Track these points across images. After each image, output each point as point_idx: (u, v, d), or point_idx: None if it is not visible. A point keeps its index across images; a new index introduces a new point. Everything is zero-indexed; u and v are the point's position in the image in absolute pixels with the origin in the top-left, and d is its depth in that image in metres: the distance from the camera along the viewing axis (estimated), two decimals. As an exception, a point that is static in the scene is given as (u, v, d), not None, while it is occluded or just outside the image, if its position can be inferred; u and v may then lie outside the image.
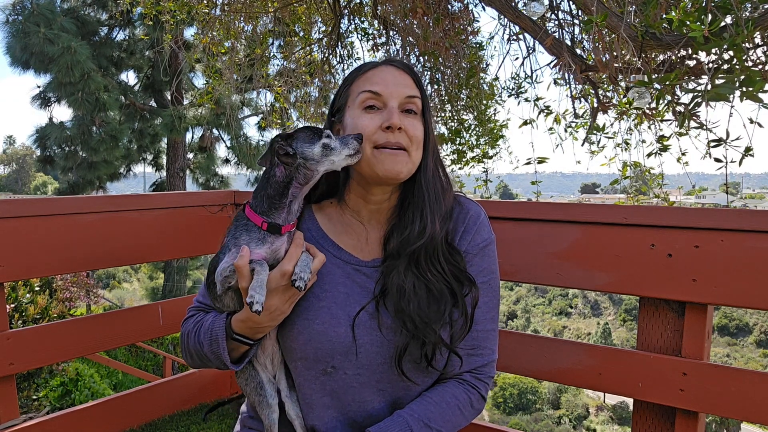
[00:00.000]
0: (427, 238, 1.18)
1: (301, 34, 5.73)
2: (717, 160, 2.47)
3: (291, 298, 1.18)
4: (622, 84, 3.43)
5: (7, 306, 3.91)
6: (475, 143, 5.67)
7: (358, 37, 5.51)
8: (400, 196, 1.26)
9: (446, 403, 1.19)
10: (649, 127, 3.94)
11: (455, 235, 1.25)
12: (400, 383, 1.21)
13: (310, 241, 1.25)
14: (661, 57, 3.16)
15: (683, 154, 3.57)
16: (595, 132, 4.07)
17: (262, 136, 16.17)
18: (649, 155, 3.56)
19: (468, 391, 1.23)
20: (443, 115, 5.59)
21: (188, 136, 15.87)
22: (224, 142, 16.44)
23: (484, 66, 5.19)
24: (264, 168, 1.19)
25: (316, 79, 5.52)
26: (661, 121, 3.62)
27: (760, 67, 2.58)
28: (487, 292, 1.25)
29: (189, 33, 10.52)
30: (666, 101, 3.03)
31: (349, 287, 1.23)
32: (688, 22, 2.33)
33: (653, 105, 3.19)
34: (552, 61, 3.68)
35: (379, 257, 1.25)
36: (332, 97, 1.32)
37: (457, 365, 1.22)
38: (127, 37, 14.85)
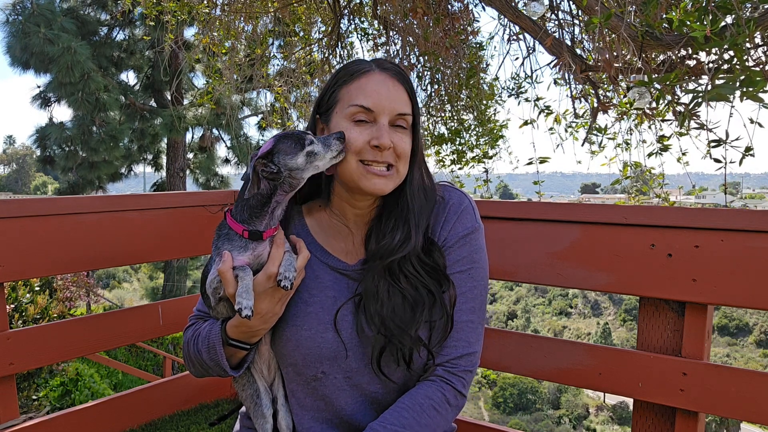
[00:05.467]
0: (407, 250, 1.17)
1: (301, 34, 5.73)
2: (716, 160, 2.47)
3: (281, 299, 1.17)
4: (623, 84, 3.43)
5: (7, 306, 3.91)
6: (475, 143, 5.68)
7: (358, 38, 5.52)
8: (384, 201, 1.25)
9: (419, 405, 1.16)
10: (650, 127, 3.95)
11: (436, 226, 1.23)
12: (389, 384, 1.20)
13: None
14: (661, 57, 3.16)
15: (683, 154, 3.57)
16: (595, 132, 4.07)
17: (262, 136, 16.18)
18: (649, 155, 3.57)
19: (442, 388, 1.18)
20: (443, 115, 5.59)
21: (188, 136, 15.89)
22: (224, 142, 16.45)
23: (484, 66, 5.20)
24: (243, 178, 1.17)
25: (316, 79, 5.52)
26: (662, 121, 3.62)
27: (761, 66, 2.58)
28: (466, 281, 1.22)
29: (189, 33, 10.52)
30: (666, 101, 3.03)
31: (337, 291, 1.22)
32: (688, 22, 2.33)
33: (653, 105, 3.19)
34: (552, 61, 3.68)
35: (363, 258, 1.25)
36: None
37: (431, 359, 1.20)
38: (127, 37, 14.86)
